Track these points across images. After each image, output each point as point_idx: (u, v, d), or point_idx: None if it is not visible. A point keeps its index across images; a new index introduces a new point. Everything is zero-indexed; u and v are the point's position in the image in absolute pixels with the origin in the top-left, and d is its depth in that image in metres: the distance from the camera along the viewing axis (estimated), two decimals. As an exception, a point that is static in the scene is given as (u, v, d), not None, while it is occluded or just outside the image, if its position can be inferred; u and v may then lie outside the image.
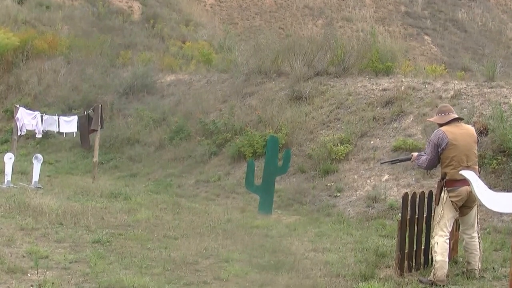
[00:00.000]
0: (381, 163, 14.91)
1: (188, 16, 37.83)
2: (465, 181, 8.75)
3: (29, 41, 28.80)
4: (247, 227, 12.69)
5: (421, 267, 9.63)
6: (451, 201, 8.94)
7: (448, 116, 9.25)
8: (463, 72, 23.85)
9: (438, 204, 9.15)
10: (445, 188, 9.02)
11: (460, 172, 8.37)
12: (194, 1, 40.56)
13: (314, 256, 10.47)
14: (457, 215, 9.22)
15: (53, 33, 30.36)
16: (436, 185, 9.72)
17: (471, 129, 9.33)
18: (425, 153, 9.36)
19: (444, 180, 9.08)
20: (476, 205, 9.16)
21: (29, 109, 21.03)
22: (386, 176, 15.74)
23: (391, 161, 11.40)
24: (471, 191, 8.77)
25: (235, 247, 10.72)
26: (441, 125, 9.26)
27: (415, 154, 9.82)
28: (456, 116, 9.35)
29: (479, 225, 9.57)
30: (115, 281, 8.09)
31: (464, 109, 16.10)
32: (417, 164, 9.91)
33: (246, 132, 19.15)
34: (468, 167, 8.76)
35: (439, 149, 9.04)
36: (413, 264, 9.49)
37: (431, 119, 9.99)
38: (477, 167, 9.04)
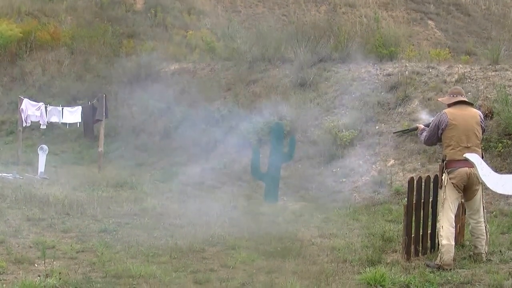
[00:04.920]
0: (394, 133, 15.08)
1: (191, 4, 37.69)
2: (464, 162, 8.76)
3: (32, 32, 28.77)
4: (253, 214, 12.71)
5: (428, 251, 9.62)
6: (452, 183, 8.92)
7: (454, 98, 9.26)
8: (467, 56, 23.76)
9: (441, 188, 9.15)
10: (445, 170, 9.02)
11: (464, 155, 8.36)
12: (197, -11, 40.45)
13: (321, 242, 10.47)
14: (461, 197, 9.20)
15: (56, 24, 30.31)
16: (441, 169, 9.73)
17: (474, 111, 9.28)
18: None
19: (444, 162, 9.08)
20: (481, 190, 9.13)
21: (34, 100, 21.04)
22: (392, 161, 15.74)
23: (403, 131, 11.70)
24: (471, 173, 8.78)
25: (242, 234, 10.72)
26: (448, 106, 9.28)
27: (421, 126, 9.88)
28: (464, 99, 9.33)
29: (485, 209, 9.55)
30: (122, 270, 8.09)
31: (469, 93, 16.06)
32: (419, 138, 10.08)
33: (251, 120, 19.13)
34: (468, 148, 8.76)
35: (440, 130, 9.07)
36: (420, 249, 9.48)
37: (440, 99, 10.06)
38: (479, 149, 8.98)
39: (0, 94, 27.24)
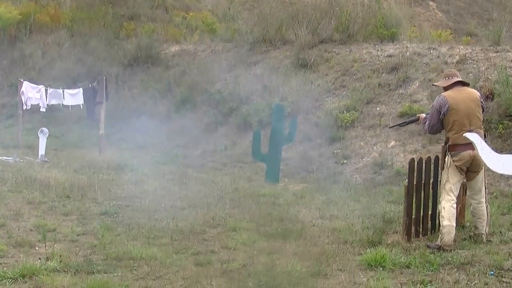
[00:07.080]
0: (390, 127, 14.97)
1: (191, -15, 37.56)
2: (467, 146, 8.72)
3: (32, 14, 28.68)
4: (254, 196, 12.70)
5: (428, 232, 9.62)
6: (455, 165, 8.90)
7: (451, 80, 9.21)
8: (468, 37, 23.66)
9: (443, 169, 9.13)
10: (448, 153, 8.99)
11: (464, 135, 8.34)
12: (197, -30, 40.25)
13: (322, 224, 10.47)
14: (463, 179, 9.19)
15: (55, 6, 30.21)
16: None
17: (474, 92, 9.22)
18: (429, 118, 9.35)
19: (447, 145, 9.05)
20: (483, 170, 9.12)
21: (34, 83, 20.97)
22: (393, 142, 15.72)
23: (399, 124, 11.40)
24: (474, 156, 8.74)
25: (243, 216, 10.73)
26: (445, 89, 9.23)
27: (423, 115, 9.79)
28: (459, 79, 9.28)
29: (487, 190, 9.54)
30: (123, 252, 8.10)
31: (470, 74, 16.03)
32: (423, 128, 9.96)
33: (252, 101, 19.10)
34: (471, 132, 8.70)
35: (441, 114, 8.99)
36: (420, 230, 9.48)
37: (436, 83, 10.01)
38: (481, 130, 8.95)
39: (-1, 77, 27.23)
